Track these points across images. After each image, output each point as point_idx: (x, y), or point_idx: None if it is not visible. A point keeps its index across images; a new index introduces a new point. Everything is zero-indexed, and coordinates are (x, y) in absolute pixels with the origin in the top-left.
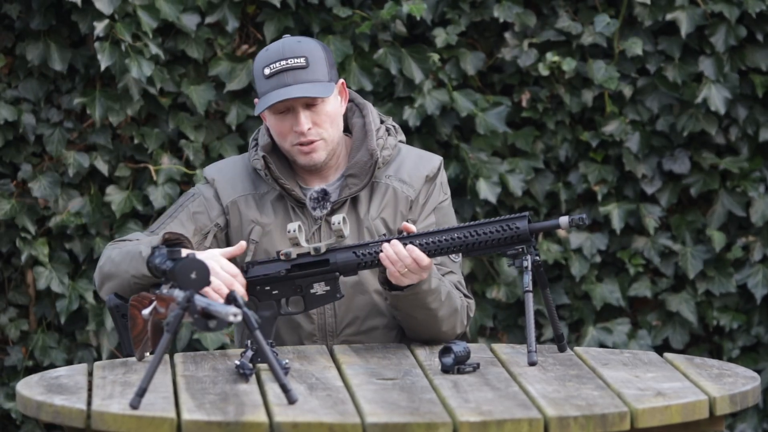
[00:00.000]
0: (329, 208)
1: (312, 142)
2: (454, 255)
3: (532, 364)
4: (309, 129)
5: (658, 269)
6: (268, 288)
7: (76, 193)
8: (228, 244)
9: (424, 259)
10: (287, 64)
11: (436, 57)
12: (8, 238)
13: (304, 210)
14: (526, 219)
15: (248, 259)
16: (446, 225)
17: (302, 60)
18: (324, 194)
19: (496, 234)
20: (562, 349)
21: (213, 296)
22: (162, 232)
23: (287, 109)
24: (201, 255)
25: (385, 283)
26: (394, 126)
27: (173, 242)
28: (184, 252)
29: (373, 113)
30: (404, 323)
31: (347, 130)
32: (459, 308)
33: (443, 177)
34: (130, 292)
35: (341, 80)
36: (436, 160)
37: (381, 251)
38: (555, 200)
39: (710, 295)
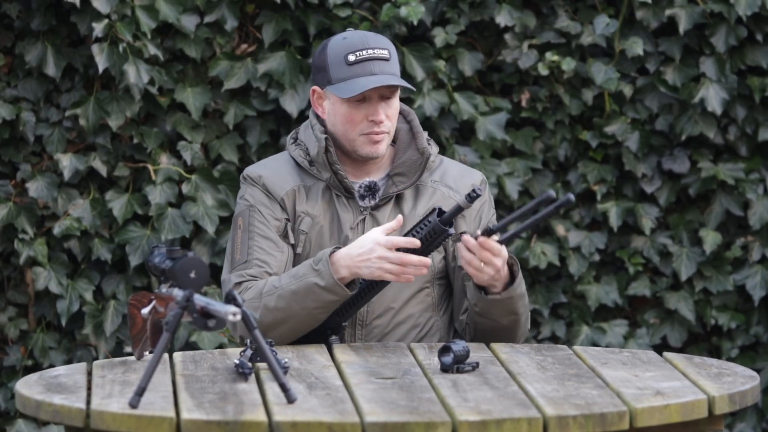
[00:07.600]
0: (377, 200)
1: (382, 133)
2: None
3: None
4: (383, 121)
5: (658, 268)
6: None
7: (76, 193)
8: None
9: (495, 246)
10: (373, 53)
11: (442, 64)
12: (7, 238)
13: (350, 200)
14: (436, 212)
15: (299, 250)
16: None
17: (386, 52)
18: (374, 185)
19: (418, 234)
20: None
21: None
22: (254, 257)
23: (363, 98)
24: (363, 245)
25: (480, 288)
26: (431, 139)
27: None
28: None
29: (417, 121)
30: (482, 332)
31: None
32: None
33: (489, 193)
34: (308, 329)
35: None
36: (479, 175)
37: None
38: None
39: (708, 294)
